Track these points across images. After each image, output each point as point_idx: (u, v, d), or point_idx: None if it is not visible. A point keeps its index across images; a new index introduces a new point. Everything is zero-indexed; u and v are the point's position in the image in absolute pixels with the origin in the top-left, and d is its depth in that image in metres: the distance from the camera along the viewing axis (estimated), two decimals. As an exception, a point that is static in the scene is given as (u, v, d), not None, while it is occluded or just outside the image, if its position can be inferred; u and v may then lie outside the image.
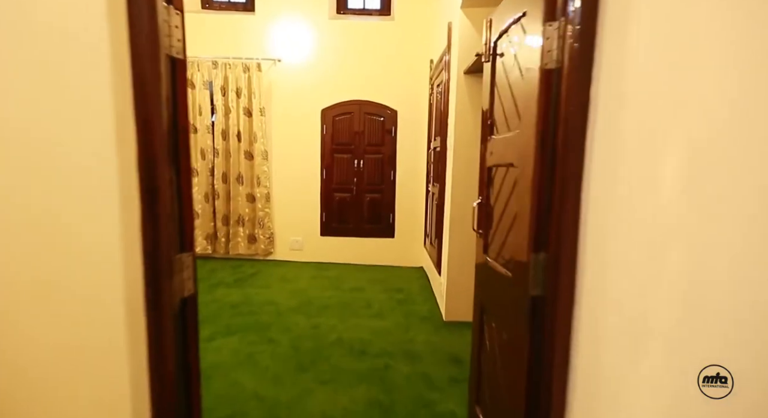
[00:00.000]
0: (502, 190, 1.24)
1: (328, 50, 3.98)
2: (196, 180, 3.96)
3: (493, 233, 1.32)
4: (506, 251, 1.20)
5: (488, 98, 1.37)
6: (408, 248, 4.21)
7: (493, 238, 1.33)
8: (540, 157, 0.96)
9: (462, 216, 2.69)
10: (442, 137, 3.06)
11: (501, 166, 1.26)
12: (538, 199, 0.98)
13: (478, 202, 1.46)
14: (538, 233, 0.98)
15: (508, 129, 1.20)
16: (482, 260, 1.44)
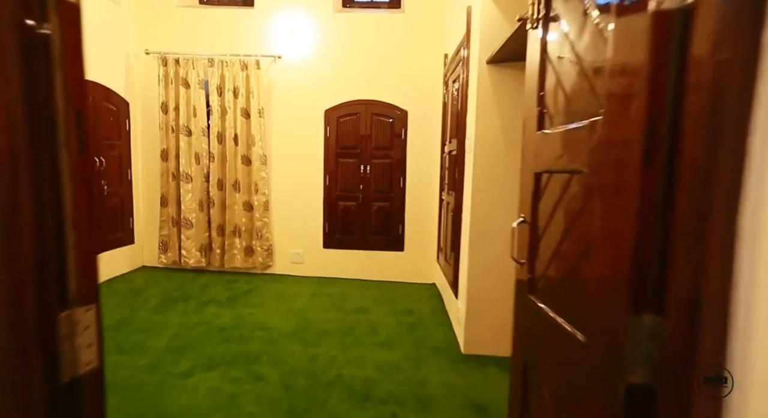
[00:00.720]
0: (562, 208, 0.87)
1: (332, 46, 3.66)
2: (190, 187, 3.64)
3: (546, 267, 0.94)
4: (572, 298, 0.82)
5: (536, 79, 0.99)
6: (419, 262, 3.82)
7: (545, 274, 0.95)
8: (650, 157, 0.58)
9: (485, 230, 2.31)
10: (459, 140, 2.69)
11: (558, 173, 0.89)
12: (643, 226, 0.59)
13: (519, 221, 1.08)
14: (644, 282, 0.60)
15: (571, 119, 0.83)
16: (526, 300, 1.05)
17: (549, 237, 0.93)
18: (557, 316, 0.89)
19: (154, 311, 2.81)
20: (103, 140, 3.32)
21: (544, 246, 0.96)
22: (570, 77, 0.84)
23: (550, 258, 0.92)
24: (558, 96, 0.90)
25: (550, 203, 0.93)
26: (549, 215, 0.94)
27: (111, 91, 3.40)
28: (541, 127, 0.98)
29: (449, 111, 3.21)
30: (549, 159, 0.93)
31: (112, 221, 3.48)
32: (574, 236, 0.81)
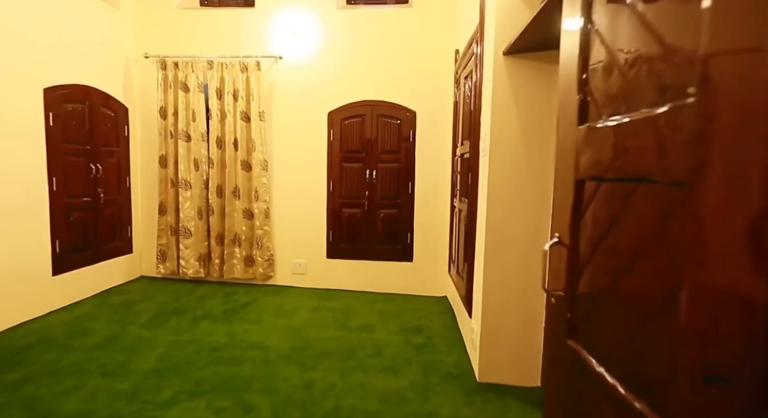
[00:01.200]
0: (622, 229, 0.62)
1: (336, 45, 3.46)
2: (188, 194, 3.48)
3: (594, 305, 0.70)
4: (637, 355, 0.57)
5: (576, 58, 0.76)
6: (429, 274, 3.57)
7: (594, 314, 0.70)
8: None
9: (501, 242, 2.06)
10: (472, 141, 2.45)
11: (614, 181, 0.65)
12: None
13: (553, 243, 0.84)
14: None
15: (634, 105, 0.59)
16: (563, 346, 0.81)
17: (599, 267, 0.69)
18: (609, 374, 0.64)
19: (145, 327, 2.63)
20: (101, 147, 3.18)
21: (592, 278, 0.72)
22: (632, 46, 0.60)
23: (601, 295, 0.68)
24: (611, 76, 0.66)
25: (600, 221, 0.69)
26: (598, 236, 0.70)
27: (109, 97, 3.26)
28: (584, 119, 0.74)
29: (461, 111, 2.97)
30: (597, 162, 0.69)
31: (110, 230, 3.33)
32: (645, 272, 0.57)
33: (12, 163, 2.51)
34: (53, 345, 2.33)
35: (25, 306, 2.63)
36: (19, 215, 2.57)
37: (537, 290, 2.06)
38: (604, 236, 0.67)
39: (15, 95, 2.52)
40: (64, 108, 2.83)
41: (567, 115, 0.81)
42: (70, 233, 2.92)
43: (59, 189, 2.80)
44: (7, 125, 2.47)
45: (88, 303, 3.01)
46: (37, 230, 2.70)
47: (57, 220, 2.80)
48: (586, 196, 0.75)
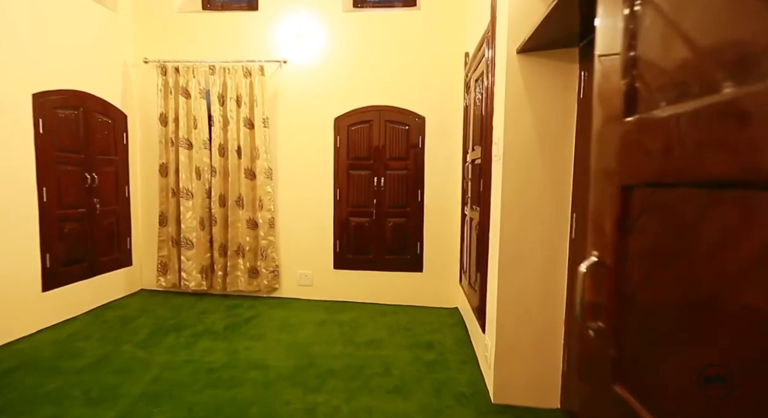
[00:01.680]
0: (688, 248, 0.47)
1: (342, 49, 3.36)
2: (190, 203, 3.38)
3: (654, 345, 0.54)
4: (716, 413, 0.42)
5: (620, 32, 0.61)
6: (440, 284, 3.41)
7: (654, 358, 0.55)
8: None
9: (517, 254, 1.90)
10: (484, 147, 2.30)
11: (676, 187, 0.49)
12: None
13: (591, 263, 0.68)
14: None
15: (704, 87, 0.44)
16: (607, 391, 0.65)
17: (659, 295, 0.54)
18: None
19: (139, 346, 2.50)
20: (97, 155, 3.10)
21: (648, 308, 0.56)
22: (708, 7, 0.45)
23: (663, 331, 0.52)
24: (672, 50, 0.51)
25: (657, 238, 0.54)
26: (656, 257, 0.54)
27: (107, 103, 3.20)
28: (633, 109, 0.59)
29: (471, 115, 2.83)
30: (654, 162, 0.54)
31: (108, 242, 3.23)
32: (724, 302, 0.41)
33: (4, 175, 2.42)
34: (37, 368, 2.20)
35: (10, 325, 2.51)
36: (4, 228, 2.46)
37: (556, 304, 1.89)
38: (666, 257, 0.52)
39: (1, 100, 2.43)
40: (55, 114, 2.75)
41: (606, 106, 0.66)
42: (63, 245, 2.82)
43: (50, 199, 2.71)
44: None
45: (81, 320, 2.90)
46: (25, 244, 2.59)
47: (48, 232, 2.70)
48: (635, 206, 0.60)
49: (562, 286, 1.88)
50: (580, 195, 1.74)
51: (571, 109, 1.82)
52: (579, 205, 1.76)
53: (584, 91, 1.73)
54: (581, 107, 1.77)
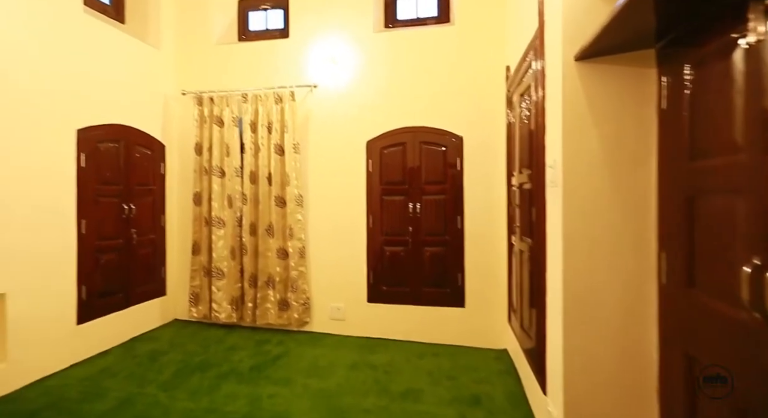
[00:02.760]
0: None
1: (373, 70, 3.21)
2: (222, 232, 3.30)
3: None
4: None
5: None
6: (485, 321, 3.04)
7: None
8: None
9: (586, 301, 1.56)
10: (534, 170, 2.00)
11: None
12: None
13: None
14: None
15: None
16: None
17: None
18: None
19: (163, 387, 2.36)
20: (136, 186, 3.12)
21: None
22: None
23: None
24: None
25: None
26: None
27: (147, 135, 3.24)
28: None
29: (516, 134, 2.53)
30: None
31: (143, 272, 3.21)
32: None
33: (39, 207, 2.44)
34: (60, 411, 2.10)
35: (44, 361, 2.48)
36: (44, 263, 2.47)
37: (644, 366, 1.51)
38: None
39: (47, 137, 2.48)
40: (97, 148, 2.79)
41: None
42: (99, 277, 2.80)
43: (89, 232, 2.71)
44: (35, 169, 2.42)
45: (113, 354, 2.83)
46: (63, 277, 2.59)
47: (85, 264, 2.69)
48: None
49: (650, 342, 1.50)
50: (671, 230, 1.39)
51: (649, 123, 1.49)
52: (670, 242, 1.40)
53: (669, 100, 1.40)
54: (665, 120, 1.43)
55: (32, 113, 2.39)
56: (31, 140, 2.39)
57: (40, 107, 2.43)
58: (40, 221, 2.44)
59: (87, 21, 2.75)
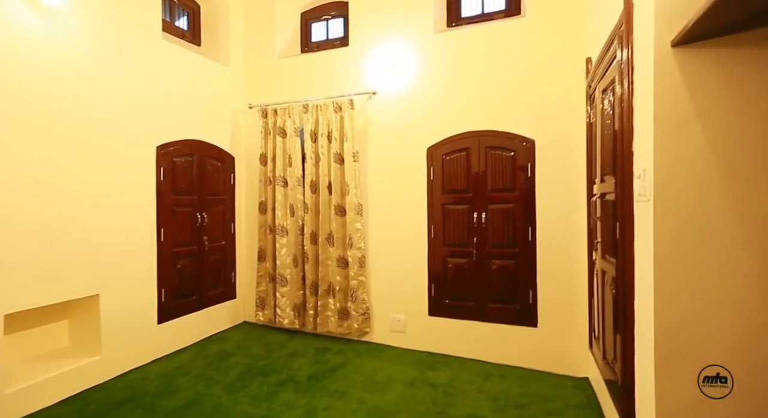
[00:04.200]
0: None
1: (433, 73, 3.06)
2: (285, 240, 3.39)
3: None
4: None
5: None
6: (561, 345, 2.72)
7: None
8: None
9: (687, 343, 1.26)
10: (619, 178, 1.70)
11: None
12: None
13: None
14: None
15: None
16: None
17: None
18: None
19: (227, 389, 2.46)
20: (208, 196, 3.33)
21: None
22: None
23: None
24: None
25: None
26: None
27: (218, 148, 3.45)
28: None
29: (597, 135, 2.21)
30: None
31: (214, 276, 3.42)
32: None
33: (126, 218, 2.70)
34: (139, 405, 2.28)
35: (130, 356, 2.73)
36: (130, 268, 2.72)
37: None
38: None
39: (132, 155, 2.74)
40: (173, 162, 3.02)
41: None
42: (175, 280, 3.03)
43: (167, 239, 2.95)
44: (123, 183, 2.68)
45: (188, 352, 3.04)
46: (145, 280, 2.83)
47: (163, 269, 2.93)
48: None
49: None
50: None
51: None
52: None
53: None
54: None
55: (119, 133, 2.65)
56: (120, 158, 2.65)
57: (125, 128, 2.69)
58: (127, 230, 2.70)
59: (166, 47, 2.99)
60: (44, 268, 2.25)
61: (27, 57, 2.19)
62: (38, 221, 2.22)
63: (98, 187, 2.52)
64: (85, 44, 2.46)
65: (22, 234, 2.15)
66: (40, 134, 2.24)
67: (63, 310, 2.60)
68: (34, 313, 2.41)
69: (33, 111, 2.21)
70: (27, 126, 2.19)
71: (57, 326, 2.62)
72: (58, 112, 2.33)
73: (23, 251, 2.15)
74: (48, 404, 2.26)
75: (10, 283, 2.10)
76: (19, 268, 2.14)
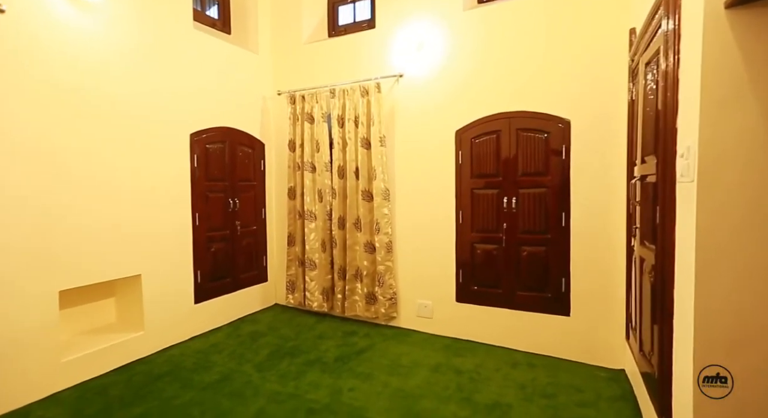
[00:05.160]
0: None
1: (462, 53, 2.95)
2: (313, 225, 3.44)
3: None
4: None
5: None
6: (595, 335, 2.61)
7: None
8: None
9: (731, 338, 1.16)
10: (661, 158, 1.57)
11: None
12: None
13: None
14: None
15: None
16: None
17: None
18: None
19: (258, 368, 2.56)
20: (239, 182, 3.43)
21: None
22: None
23: None
24: None
25: None
26: None
27: (248, 135, 3.52)
28: None
29: (639, 113, 2.06)
30: None
31: (246, 260, 3.53)
32: None
33: (164, 204, 2.83)
34: (177, 378, 2.43)
35: (170, 332, 2.89)
36: (168, 250, 2.87)
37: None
38: None
39: (168, 143, 2.85)
40: (206, 149, 3.12)
41: None
42: (210, 263, 3.17)
43: (201, 223, 3.07)
44: (161, 171, 2.80)
45: (223, 331, 3.18)
46: (183, 262, 2.98)
47: (199, 252, 3.06)
48: None
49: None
50: None
51: None
52: None
53: None
54: None
55: (156, 123, 2.76)
56: (157, 148, 2.77)
57: (161, 117, 2.79)
58: (165, 216, 2.83)
59: (198, 37, 3.06)
60: (92, 250, 2.42)
61: (72, 53, 2.31)
62: (86, 208, 2.38)
63: (138, 176, 2.66)
64: (122, 38, 2.56)
65: (73, 221, 2.31)
66: (87, 130, 2.39)
67: (109, 288, 2.79)
68: (84, 291, 2.60)
69: (80, 107, 2.35)
70: (75, 123, 2.33)
71: (105, 304, 2.82)
72: (101, 108, 2.46)
73: (74, 235, 2.33)
74: (99, 373, 2.46)
75: (63, 263, 2.28)
76: (71, 250, 2.31)
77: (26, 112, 2.12)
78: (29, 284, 2.14)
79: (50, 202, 2.21)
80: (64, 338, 2.49)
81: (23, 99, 2.10)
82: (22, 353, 2.11)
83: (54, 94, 2.23)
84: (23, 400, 2.13)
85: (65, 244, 2.29)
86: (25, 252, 2.11)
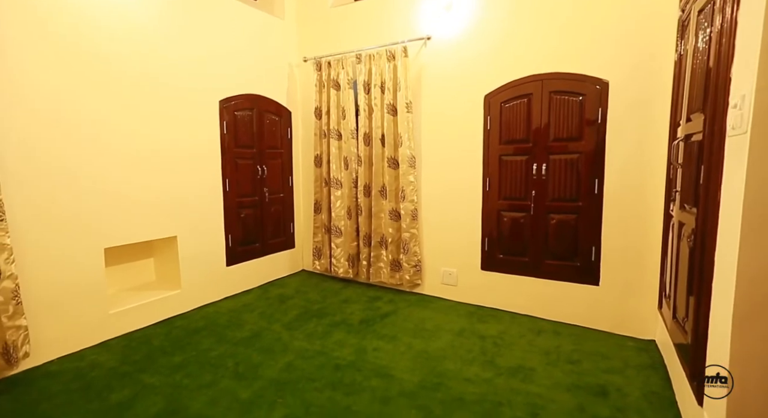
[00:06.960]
0: None
1: (493, 11, 2.80)
2: (339, 193, 3.47)
3: None
4: None
5: None
6: (624, 305, 2.55)
7: None
8: None
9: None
10: (709, 114, 1.47)
11: None
12: None
13: None
14: None
15: None
16: None
17: None
18: None
19: (286, 327, 2.67)
20: (267, 149, 3.47)
21: None
22: None
23: None
24: None
25: None
26: None
27: (275, 102, 3.53)
28: None
29: (687, 70, 1.91)
30: None
31: (275, 226, 3.63)
32: None
33: (197, 169, 2.92)
34: (212, 333, 2.58)
35: (204, 292, 3.05)
36: (201, 214, 2.98)
37: None
38: None
39: (198, 109, 2.91)
40: (234, 116, 3.16)
41: None
42: (240, 228, 3.27)
43: (231, 189, 3.15)
44: (195, 137, 2.87)
45: (253, 294, 3.32)
46: (215, 227, 3.09)
47: (229, 217, 3.17)
48: None
49: None
50: None
51: None
52: None
53: None
54: None
55: (187, 90, 2.81)
56: (189, 115, 2.84)
57: (190, 84, 2.84)
58: (199, 180, 2.93)
59: (227, 3, 3.06)
60: (132, 213, 2.55)
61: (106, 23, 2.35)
62: (124, 174, 2.49)
63: (172, 143, 2.74)
64: (154, 6, 2.58)
65: (114, 185, 2.44)
66: (122, 100, 2.47)
67: (149, 249, 2.95)
68: (127, 250, 2.76)
69: (117, 77, 2.42)
70: (112, 94, 2.42)
71: (145, 263, 2.99)
72: (139, 80, 2.54)
73: (117, 198, 2.46)
74: (142, 325, 2.64)
75: (108, 224, 2.44)
76: (113, 213, 2.46)
77: (65, 84, 2.21)
78: (80, 241, 2.31)
79: (93, 169, 2.34)
80: (111, 292, 2.67)
81: (64, 71, 2.19)
82: (76, 303, 2.30)
83: (89, 64, 2.30)
84: (78, 345, 2.33)
85: (109, 207, 2.43)
86: (75, 214, 2.27)
